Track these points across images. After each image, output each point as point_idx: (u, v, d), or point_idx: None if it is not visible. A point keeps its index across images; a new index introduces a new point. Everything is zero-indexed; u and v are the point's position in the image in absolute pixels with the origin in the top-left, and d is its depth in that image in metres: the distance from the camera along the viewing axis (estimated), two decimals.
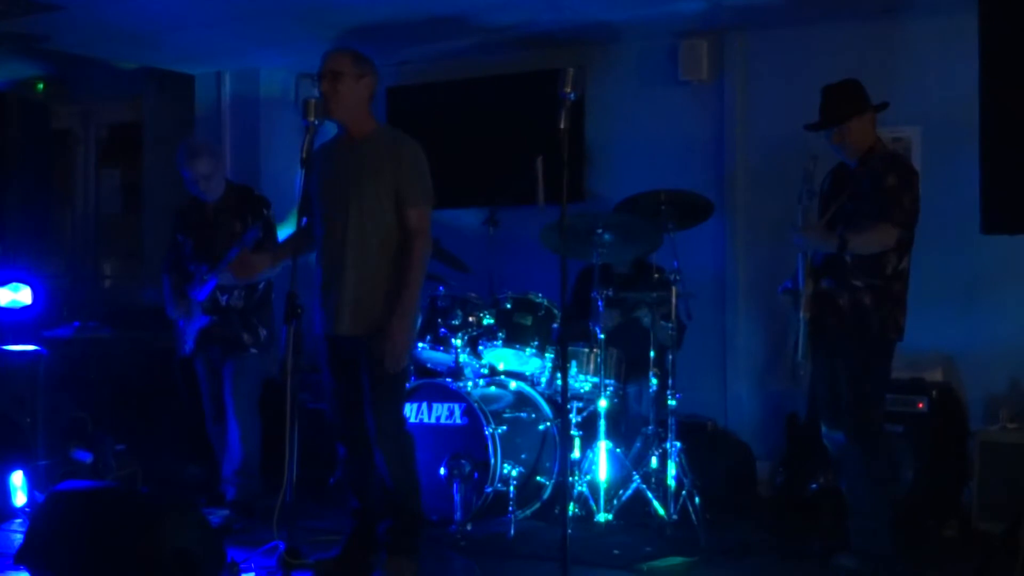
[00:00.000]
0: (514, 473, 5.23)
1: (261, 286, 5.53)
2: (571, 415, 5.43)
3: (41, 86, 7.56)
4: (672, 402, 5.32)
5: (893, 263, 4.45)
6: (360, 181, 4.44)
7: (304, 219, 4.65)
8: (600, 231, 5.32)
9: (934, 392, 5.45)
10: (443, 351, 5.63)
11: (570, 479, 5.21)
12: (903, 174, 4.47)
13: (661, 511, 5.17)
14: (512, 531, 5.12)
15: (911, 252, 4.53)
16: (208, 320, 5.45)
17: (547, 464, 5.53)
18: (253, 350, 5.49)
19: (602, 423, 5.35)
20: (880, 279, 4.45)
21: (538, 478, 5.49)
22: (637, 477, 5.27)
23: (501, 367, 5.76)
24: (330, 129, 4.64)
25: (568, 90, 3.88)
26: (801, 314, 4.50)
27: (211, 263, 5.37)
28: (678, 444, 5.26)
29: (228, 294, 5.46)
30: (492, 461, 5.23)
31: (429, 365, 5.86)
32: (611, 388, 5.50)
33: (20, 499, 5.49)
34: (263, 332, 5.51)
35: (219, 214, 5.47)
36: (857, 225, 4.45)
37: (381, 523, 4.49)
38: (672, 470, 5.21)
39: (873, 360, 4.49)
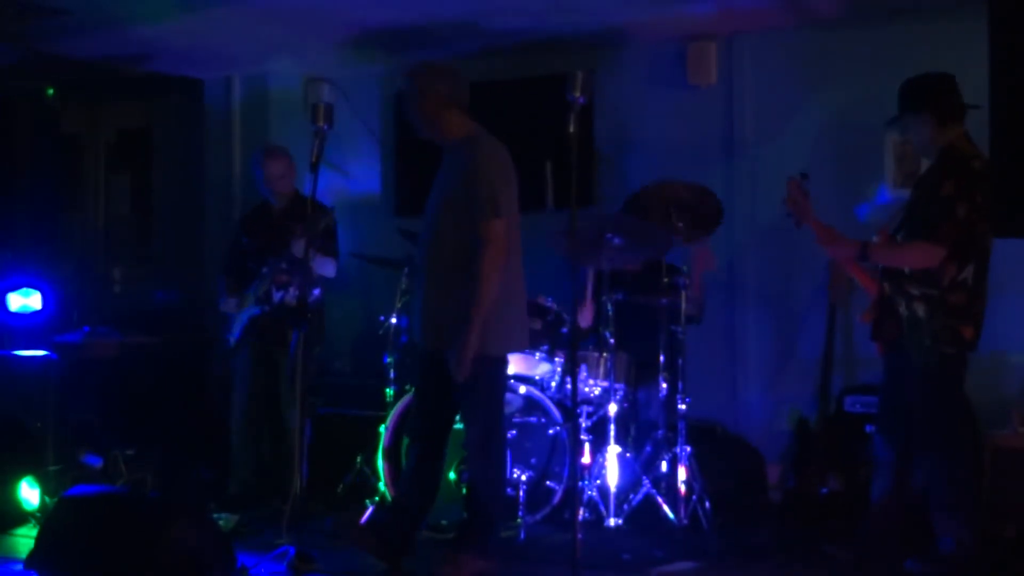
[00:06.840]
0: (524, 478, 5.23)
1: (316, 291, 5.60)
2: (581, 419, 5.42)
3: (51, 91, 7.56)
4: (682, 406, 5.31)
5: (951, 273, 4.24)
6: (440, 194, 4.48)
7: None
8: (610, 235, 5.30)
9: None
10: None
11: (580, 484, 5.19)
12: (962, 180, 4.19)
13: (671, 516, 5.16)
14: (522, 535, 5.11)
15: (983, 260, 4.30)
16: (259, 311, 5.61)
17: (557, 469, 5.51)
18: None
19: (612, 427, 5.34)
20: (936, 289, 4.25)
21: (548, 483, 5.47)
22: (647, 482, 5.26)
23: (511, 371, 5.74)
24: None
25: (577, 94, 3.88)
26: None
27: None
28: (688, 448, 5.24)
29: (284, 291, 5.59)
30: None
31: None
32: (621, 392, 5.49)
33: (30, 504, 5.51)
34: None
35: (284, 219, 5.69)
36: (909, 235, 4.33)
37: (460, 523, 4.59)
38: (682, 474, 5.20)
39: (929, 371, 4.30)
